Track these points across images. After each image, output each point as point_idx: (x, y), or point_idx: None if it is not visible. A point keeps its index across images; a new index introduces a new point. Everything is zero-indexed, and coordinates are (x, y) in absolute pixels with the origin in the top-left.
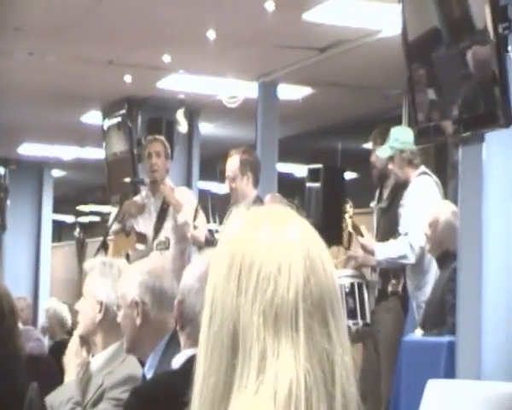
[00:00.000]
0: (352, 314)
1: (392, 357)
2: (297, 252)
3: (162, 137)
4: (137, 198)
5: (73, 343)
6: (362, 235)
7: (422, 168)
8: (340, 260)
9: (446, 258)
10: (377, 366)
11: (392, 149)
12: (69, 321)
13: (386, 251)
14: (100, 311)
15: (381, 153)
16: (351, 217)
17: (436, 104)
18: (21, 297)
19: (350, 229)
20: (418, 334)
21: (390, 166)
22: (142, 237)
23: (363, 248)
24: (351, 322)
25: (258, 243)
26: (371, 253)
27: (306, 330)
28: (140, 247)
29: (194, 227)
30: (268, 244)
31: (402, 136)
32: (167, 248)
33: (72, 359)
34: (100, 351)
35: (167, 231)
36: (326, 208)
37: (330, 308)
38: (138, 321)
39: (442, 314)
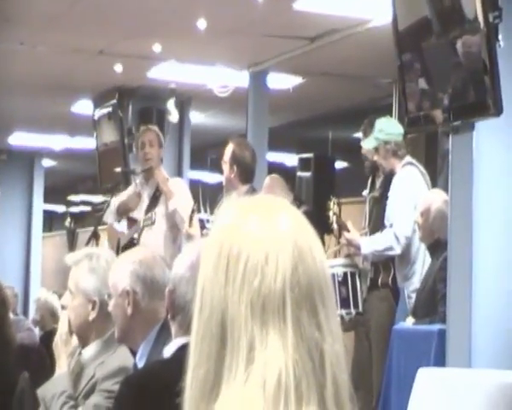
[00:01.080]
0: (345, 303)
1: (384, 345)
2: (285, 242)
3: (155, 127)
4: (131, 187)
5: (62, 333)
6: (348, 230)
7: (408, 159)
8: (332, 251)
9: (438, 247)
10: (369, 355)
11: (377, 141)
12: (59, 311)
13: (371, 244)
14: (93, 309)
15: (366, 144)
16: (335, 214)
17: (426, 93)
18: (8, 287)
19: (335, 226)
20: (409, 322)
21: (375, 158)
22: (133, 222)
23: (349, 243)
24: (344, 311)
25: (245, 234)
26: (357, 247)
27: (294, 320)
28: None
29: (190, 224)
30: (255, 235)
31: (386, 127)
32: (153, 223)
33: (62, 349)
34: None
35: (158, 215)
36: (317, 197)
37: (320, 297)
38: (129, 310)
39: (433, 303)
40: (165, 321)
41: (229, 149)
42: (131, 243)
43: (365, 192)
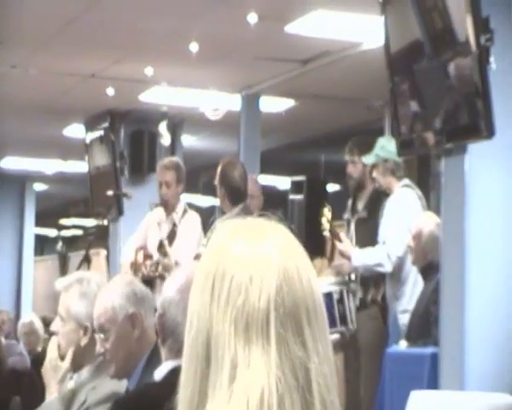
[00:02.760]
0: (344, 321)
1: (373, 365)
2: (270, 264)
3: (174, 162)
4: (154, 214)
5: (51, 358)
6: (340, 240)
7: (406, 181)
8: (325, 275)
9: (430, 269)
10: (358, 375)
11: (377, 157)
12: (42, 337)
13: (362, 258)
14: (85, 334)
15: (367, 160)
16: (328, 221)
17: (419, 116)
18: (3, 310)
19: (327, 233)
20: (403, 346)
21: (374, 174)
22: (148, 258)
23: (341, 253)
24: (344, 328)
25: (231, 255)
26: (348, 258)
27: (278, 339)
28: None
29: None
30: (241, 256)
31: (387, 145)
32: (157, 269)
33: (52, 375)
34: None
35: (177, 248)
36: (309, 220)
37: (306, 317)
38: (136, 333)
39: (427, 326)
40: (156, 344)
41: (218, 171)
42: (147, 282)
43: (347, 214)
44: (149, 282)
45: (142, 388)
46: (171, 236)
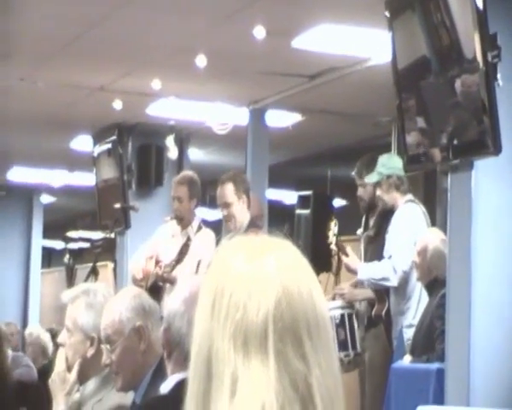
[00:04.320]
0: (343, 346)
1: (377, 383)
2: (269, 280)
3: (187, 178)
4: (168, 227)
5: (59, 371)
6: (347, 254)
7: (410, 196)
8: (329, 296)
9: (435, 285)
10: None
11: (379, 175)
12: (50, 349)
13: (368, 271)
14: (91, 345)
15: (369, 179)
16: (335, 234)
17: (425, 132)
18: (11, 323)
19: (333, 246)
20: (407, 360)
21: (378, 193)
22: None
23: (347, 267)
24: (342, 354)
25: (230, 273)
26: (354, 272)
27: (276, 353)
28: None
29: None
30: (240, 274)
31: (388, 162)
32: (172, 270)
33: (60, 386)
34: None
35: (184, 266)
36: (315, 235)
37: (306, 331)
38: (143, 346)
39: (431, 341)
40: (162, 357)
41: (228, 187)
42: (156, 286)
43: (359, 231)
44: (157, 290)
45: (150, 402)
46: (185, 249)
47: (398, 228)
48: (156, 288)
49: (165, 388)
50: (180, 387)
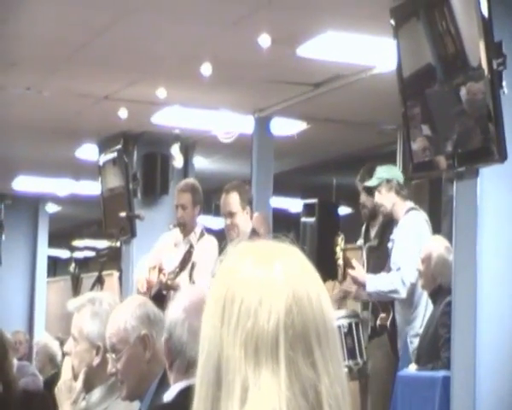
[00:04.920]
0: (352, 354)
1: (380, 392)
2: (279, 287)
3: (190, 185)
4: (171, 236)
5: (65, 379)
6: (353, 267)
7: (411, 204)
8: (334, 294)
9: (439, 293)
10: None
11: (379, 179)
12: (59, 357)
13: (377, 284)
14: (97, 354)
15: (369, 183)
16: (342, 249)
17: (431, 140)
18: (19, 331)
19: (341, 262)
20: (412, 369)
21: (376, 198)
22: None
23: (354, 280)
24: (352, 362)
25: (240, 279)
26: (362, 285)
27: (287, 360)
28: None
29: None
30: (250, 279)
31: (388, 169)
32: (176, 276)
33: (66, 395)
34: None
35: (187, 272)
36: (321, 243)
37: (316, 338)
38: (148, 355)
39: (436, 349)
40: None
41: (233, 197)
42: (160, 295)
43: (360, 241)
44: (161, 298)
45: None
46: (187, 256)
47: (405, 239)
48: (160, 296)
49: (168, 396)
50: (183, 395)
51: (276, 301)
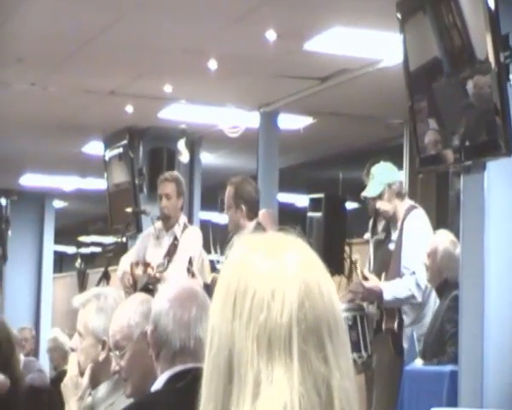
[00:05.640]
0: (356, 347)
1: (384, 386)
2: (291, 279)
3: (175, 176)
4: (151, 229)
5: (72, 375)
6: (367, 279)
7: (410, 201)
8: (343, 296)
9: (445, 287)
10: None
11: (382, 185)
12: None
13: (393, 291)
14: (103, 349)
15: (370, 193)
16: (360, 270)
17: (437, 133)
18: (25, 328)
19: (361, 279)
20: (418, 364)
21: (378, 205)
22: (148, 266)
23: (370, 291)
24: (356, 355)
25: (252, 270)
26: (379, 295)
27: (300, 355)
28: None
29: (193, 275)
30: (262, 271)
31: (385, 170)
32: (165, 269)
33: (72, 391)
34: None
35: (175, 263)
36: (327, 238)
37: (327, 332)
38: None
39: (441, 344)
40: None
41: (229, 191)
42: (147, 289)
43: (367, 235)
44: (148, 292)
45: (144, 398)
46: (172, 249)
47: (414, 242)
48: (147, 290)
49: (156, 386)
50: (172, 381)
51: (288, 293)
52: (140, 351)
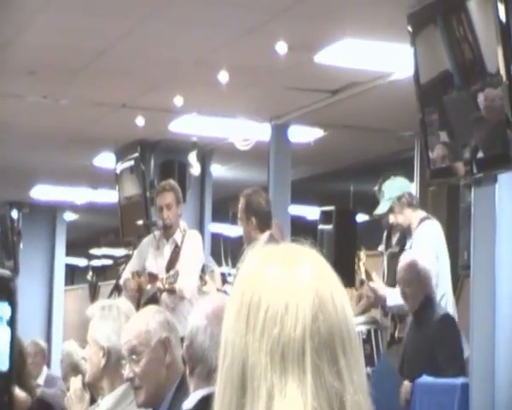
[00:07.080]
0: (370, 360)
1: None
2: (305, 291)
3: (172, 184)
4: (150, 239)
5: (76, 388)
6: (373, 280)
7: (423, 213)
8: (361, 304)
9: (425, 307)
10: None
11: (390, 200)
12: (82, 366)
13: (397, 298)
14: (103, 355)
15: (380, 210)
16: (364, 264)
17: (448, 146)
18: (39, 341)
19: (363, 276)
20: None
21: (391, 220)
22: (153, 278)
23: (374, 292)
24: (369, 369)
25: (266, 283)
26: (382, 299)
27: (313, 369)
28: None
29: (203, 283)
30: (276, 284)
31: (393, 184)
32: (175, 281)
33: (77, 405)
34: (108, 394)
35: (182, 271)
36: (338, 251)
37: (341, 346)
38: (168, 359)
39: (432, 366)
40: (183, 375)
41: (242, 204)
42: (154, 300)
43: (381, 247)
44: (154, 302)
45: None
46: (174, 256)
47: (423, 247)
48: (153, 301)
49: (188, 404)
50: (204, 402)
51: (302, 307)
52: (156, 359)
